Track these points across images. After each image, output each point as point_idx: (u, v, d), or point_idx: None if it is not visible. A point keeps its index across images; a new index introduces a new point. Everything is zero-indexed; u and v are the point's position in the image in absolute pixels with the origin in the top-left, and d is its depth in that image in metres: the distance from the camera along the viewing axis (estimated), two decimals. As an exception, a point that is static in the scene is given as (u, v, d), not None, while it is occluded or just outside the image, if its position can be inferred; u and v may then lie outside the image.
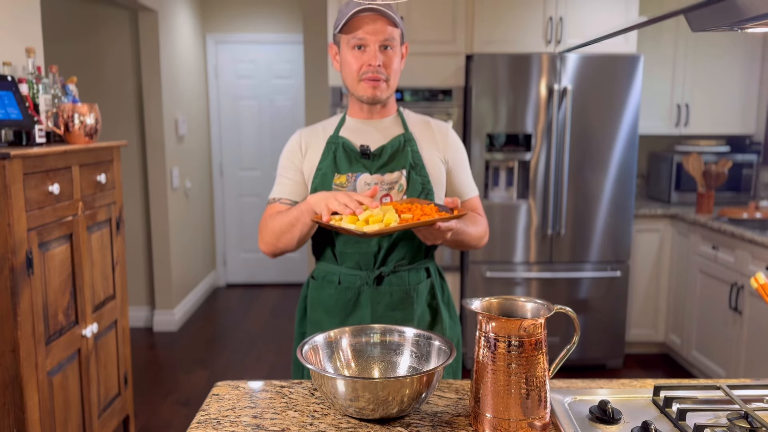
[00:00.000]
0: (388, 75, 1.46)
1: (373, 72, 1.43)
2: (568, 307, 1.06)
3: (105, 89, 4.04)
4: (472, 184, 1.60)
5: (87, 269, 2.28)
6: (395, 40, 1.45)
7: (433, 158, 1.52)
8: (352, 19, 1.41)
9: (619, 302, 3.51)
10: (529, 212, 3.41)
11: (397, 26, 1.44)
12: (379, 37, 1.42)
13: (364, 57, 1.43)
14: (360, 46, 1.43)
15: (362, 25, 1.41)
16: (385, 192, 1.47)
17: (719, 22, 0.87)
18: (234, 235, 5.43)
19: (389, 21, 1.42)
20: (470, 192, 1.60)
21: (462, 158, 1.58)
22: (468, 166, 1.60)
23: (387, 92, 1.48)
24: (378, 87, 1.45)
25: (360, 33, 1.41)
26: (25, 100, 2.09)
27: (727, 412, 1.07)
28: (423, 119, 1.58)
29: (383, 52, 1.44)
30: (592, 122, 3.34)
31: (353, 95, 1.50)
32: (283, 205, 1.52)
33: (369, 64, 1.43)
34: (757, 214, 3.31)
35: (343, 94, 3.44)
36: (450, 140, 1.56)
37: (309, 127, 1.60)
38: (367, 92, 1.46)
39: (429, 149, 1.52)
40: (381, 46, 1.43)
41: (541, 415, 0.99)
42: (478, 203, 1.61)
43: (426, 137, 1.53)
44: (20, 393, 1.86)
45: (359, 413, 1.05)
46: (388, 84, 1.47)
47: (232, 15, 5.09)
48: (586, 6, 3.43)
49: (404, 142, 1.50)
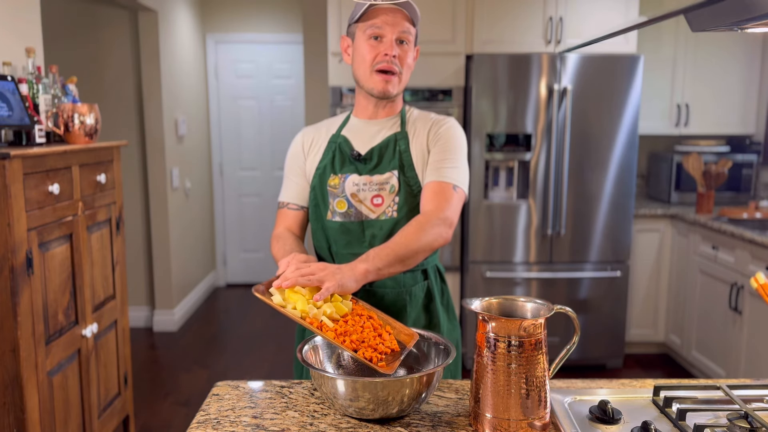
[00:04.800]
0: (402, 68, 1.44)
1: (388, 63, 1.42)
2: (568, 307, 1.06)
3: (105, 89, 4.04)
4: (445, 170, 1.43)
5: (87, 269, 2.28)
6: (411, 35, 1.44)
7: (423, 154, 1.48)
8: (371, 10, 1.41)
9: (619, 302, 3.51)
10: (529, 212, 3.41)
11: (414, 25, 1.44)
12: (397, 28, 1.41)
13: (380, 47, 1.42)
14: (377, 36, 1.42)
15: (381, 14, 1.41)
16: (375, 192, 1.46)
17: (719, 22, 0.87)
18: (234, 235, 5.43)
19: (407, 17, 1.42)
20: (437, 176, 1.43)
21: (443, 143, 1.46)
22: (451, 153, 1.46)
23: (398, 87, 1.46)
24: (390, 81, 1.44)
25: (378, 22, 1.40)
26: (25, 100, 2.09)
27: (727, 412, 1.06)
28: (425, 115, 1.55)
29: (399, 45, 1.43)
30: (592, 122, 3.34)
31: (362, 89, 1.49)
32: (290, 210, 1.56)
33: (385, 54, 1.41)
34: (757, 214, 3.31)
35: (343, 94, 3.44)
36: (440, 130, 1.49)
37: (312, 126, 1.60)
38: (378, 86, 1.44)
39: (419, 145, 1.49)
40: (397, 39, 1.42)
41: (541, 415, 0.99)
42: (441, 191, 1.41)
43: (420, 132, 1.50)
44: (20, 393, 1.86)
45: (359, 413, 1.05)
46: (400, 79, 1.45)
47: (232, 15, 5.09)
48: (586, 6, 3.43)
49: (395, 141, 1.49)
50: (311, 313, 1.14)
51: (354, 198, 1.46)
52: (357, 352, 1.09)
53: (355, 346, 1.10)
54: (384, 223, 1.45)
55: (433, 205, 1.39)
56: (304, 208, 1.56)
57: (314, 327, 1.12)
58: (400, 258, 1.30)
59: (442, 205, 1.39)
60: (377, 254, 1.28)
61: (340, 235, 1.47)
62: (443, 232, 1.36)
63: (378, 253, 1.28)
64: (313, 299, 1.16)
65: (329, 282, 1.18)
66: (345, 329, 1.13)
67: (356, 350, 1.09)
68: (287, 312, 1.16)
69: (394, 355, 1.13)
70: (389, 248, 1.30)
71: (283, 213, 1.56)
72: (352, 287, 1.22)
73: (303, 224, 1.57)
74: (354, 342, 1.11)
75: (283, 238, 1.48)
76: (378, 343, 1.12)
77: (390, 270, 1.29)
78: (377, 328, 1.17)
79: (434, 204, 1.40)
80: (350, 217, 1.46)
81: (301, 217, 1.56)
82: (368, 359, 1.08)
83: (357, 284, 1.23)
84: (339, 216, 1.47)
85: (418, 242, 1.32)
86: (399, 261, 1.30)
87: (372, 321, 1.19)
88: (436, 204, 1.39)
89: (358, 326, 1.15)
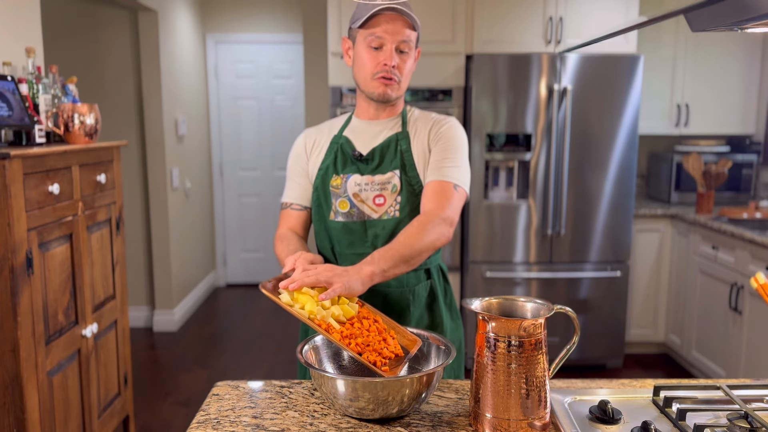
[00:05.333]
0: (401, 77, 1.45)
1: (388, 72, 1.43)
2: (568, 307, 1.06)
3: (105, 89, 4.04)
4: (446, 169, 1.44)
5: (87, 269, 2.28)
6: (411, 42, 1.44)
7: (424, 153, 1.49)
8: (373, 18, 1.41)
9: (619, 302, 3.51)
10: (529, 212, 3.41)
11: (415, 29, 1.44)
12: (397, 37, 1.41)
13: (380, 57, 1.43)
14: (377, 46, 1.42)
15: (381, 23, 1.41)
16: (377, 192, 1.46)
17: (719, 22, 0.87)
18: (234, 235, 5.43)
19: (408, 23, 1.42)
20: (438, 175, 1.44)
21: (444, 142, 1.47)
22: (452, 152, 1.46)
23: (398, 92, 1.47)
24: (390, 86, 1.45)
25: (378, 31, 1.41)
26: (25, 100, 2.09)
27: (727, 412, 1.06)
28: (426, 115, 1.55)
29: (398, 54, 1.43)
30: (592, 122, 3.34)
31: (363, 92, 1.49)
32: (293, 211, 1.56)
33: (384, 64, 1.42)
34: (757, 214, 3.31)
35: (343, 94, 3.44)
36: (441, 129, 1.49)
37: (315, 127, 1.61)
38: (378, 89, 1.45)
39: (421, 145, 1.49)
40: (397, 48, 1.42)
41: (541, 415, 0.99)
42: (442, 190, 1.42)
43: (422, 132, 1.50)
44: (20, 393, 1.86)
45: (359, 413, 1.05)
46: (400, 85, 1.47)
47: (232, 15, 5.09)
48: (586, 6, 3.43)
49: (396, 141, 1.49)
50: (319, 315, 1.15)
51: (356, 198, 1.46)
52: (362, 356, 1.10)
53: (360, 350, 1.11)
54: (386, 222, 1.45)
55: (434, 204, 1.40)
56: (307, 209, 1.56)
57: (321, 329, 1.13)
58: (405, 258, 1.31)
59: (443, 204, 1.40)
60: (382, 256, 1.29)
61: (343, 236, 1.47)
62: (445, 231, 1.37)
63: (383, 255, 1.29)
64: (318, 299, 1.16)
65: (337, 283, 1.19)
66: (351, 332, 1.14)
67: (361, 353, 1.10)
68: (295, 311, 1.16)
69: (398, 359, 1.14)
70: (393, 249, 1.30)
71: (286, 213, 1.57)
72: (358, 290, 1.22)
73: (306, 224, 1.58)
74: (359, 345, 1.11)
75: (287, 239, 1.49)
76: (382, 348, 1.13)
77: (395, 271, 1.30)
78: (382, 332, 1.18)
79: (435, 203, 1.40)
80: (353, 217, 1.46)
81: (305, 217, 1.57)
82: (372, 363, 1.09)
83: (363, 287, 1.24)
84: (341, 216, 1.47)
85: (421, 242, 1.32)
86: (404, 261, 1.31)
87: (377, 325, 1.20)
88: (437, 203, 1.40)
89: (363, 329, 1.16)
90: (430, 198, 1.42)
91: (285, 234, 1.52)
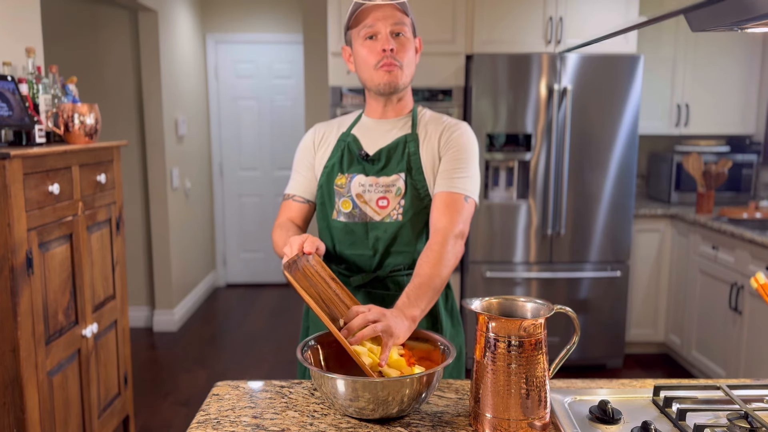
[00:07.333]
0: (402, 62, 1.43)
1: (388, 58, 1.41)
2: (568, 307, 1.06)
3: (105, 89, 4.04)
4: (457, 180, 1.42)
5: (87, 269, 2.28)
6: (406, 26, 1.43)
7: (433, 158, 1.46)
8: (359, 11, 1.41)
9: (619, 302, 3.51)
10: (529, 212, 3.41)
11: (407, 14, 1.43)
12: (389, 21, 1.40)
13: (376, 46, 1.41)
14: (371, 36, 1.41)
15: (370, 13, 1.40)
16: (381, 194, 1.45)
17: (719, 22, 0.87)
18: (234, 235, 5.43)
19: (398, 8, 1.41)
20: (449, 186, 1.42)
21: (454, 151, 1.45)
22: (463, 162, 1.45)
23: (403, 79, 1.44)
24: (393, 71, 1.42)
25: (369, 20, 1.40)
26: (25, 100, 2.09)
27: (727, 412, 1.06)
28: (437, 118, 1.52)
29: (395, 38, 1.41)
30: (592, 122, 3.34)
31: (371, 90, 1.48)
32: (295, 202, 1.55)
33: (383, 50, 1.40)
34: (757, 214, 3.31)
35: (343, 94, 3.44)
36: (452, 136, 1.47)
37: (325, 123, 1.60)
38: (383, 78, 1.42)
39: (430, 149, 1.47)
40: (392, 32, 1.41)
41: (541, 415, 0.99)
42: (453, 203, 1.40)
43: (432, 136, 1.48)
44: (20, 393, 1.86)
45: (359, 413, 1.05)
46: (403, 71, 1.44)
47: (232, 15, 5.09)
48: (586, 6, 3.43)
49: (404, 143, 1.47)
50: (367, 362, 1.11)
51: (359, 198, 1.45)
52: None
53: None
54: (388, 225, 1.44)
55: (446, 220, 1.38)
56: (308, 202, 1.55)
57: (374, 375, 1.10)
58: (437, 290, 1.31)
59: (455, 219, 1.39)
60: (417, 295, 1.26)
61: (344, 236, 1.47)
62: (460, 249, 1.39)
63: (417, 294, 1.27)
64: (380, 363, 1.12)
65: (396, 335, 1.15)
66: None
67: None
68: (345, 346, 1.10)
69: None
70: (425, 285, 1.29)
71: (287, 204, 1.56)
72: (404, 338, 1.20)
73: (306, 217, 1.56)
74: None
75: (286, 227, 1.48)
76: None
77: (431, 304, 1.30)
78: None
79: (447, 219, 1.38)
80: (354, 217, 1.45)
81: (306, 210, 1.55)
82: None
83: (409, 332, 1.22)
84: (343, 216, 1.46)
85: (446, 268, 1.33)
86: (436, 293, 1.31)
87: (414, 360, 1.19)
88: (448, 219, 1.38)
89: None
90: (442, 212, 1.40)
91: (284, 223, 1.51)
